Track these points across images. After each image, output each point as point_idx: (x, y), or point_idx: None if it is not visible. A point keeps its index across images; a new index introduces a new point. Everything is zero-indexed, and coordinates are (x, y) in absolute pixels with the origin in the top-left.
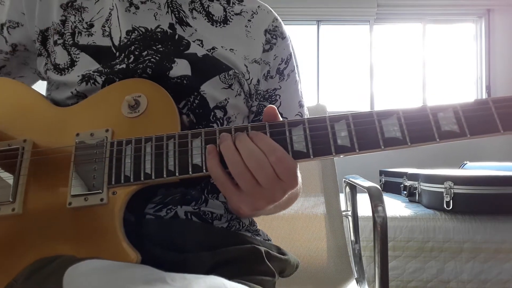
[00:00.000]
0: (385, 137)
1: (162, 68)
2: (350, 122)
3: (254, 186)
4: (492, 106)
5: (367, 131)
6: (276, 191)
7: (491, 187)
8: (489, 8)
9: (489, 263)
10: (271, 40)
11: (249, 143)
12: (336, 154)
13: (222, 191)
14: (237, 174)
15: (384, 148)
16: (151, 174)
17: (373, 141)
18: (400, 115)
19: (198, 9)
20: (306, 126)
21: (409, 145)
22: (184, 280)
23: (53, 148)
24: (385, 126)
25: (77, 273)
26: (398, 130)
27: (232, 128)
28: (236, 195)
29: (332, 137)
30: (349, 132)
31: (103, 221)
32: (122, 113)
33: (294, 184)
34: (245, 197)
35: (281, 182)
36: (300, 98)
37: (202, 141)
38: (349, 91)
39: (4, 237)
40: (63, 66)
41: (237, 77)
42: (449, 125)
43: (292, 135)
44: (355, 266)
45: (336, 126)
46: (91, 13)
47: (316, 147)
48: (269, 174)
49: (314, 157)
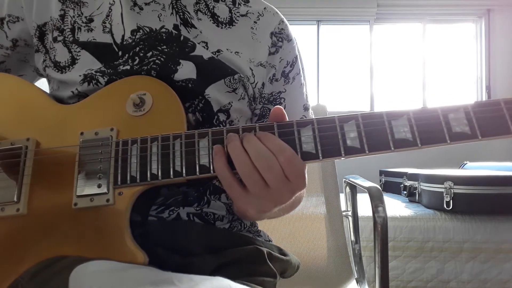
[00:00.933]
0: (395, 138)
1: (167, 70)
2: (360, 123)
3: (262, 188)
4: (504, 107)
5: (377, 132)
6: (284, 192)
7: (491, 187)
8: (489, 8)
9: (489, 263)
10: (277, 43)
11: (258, 143)
12: (346, 156)
13: (228, 193)
14: (245, 175)
15: (394, 150)
16: (157, 174)
17: (383, 142)
18: (411, 116)
19: (203, 10)
20: (315, 126)
21: (419, 147)
22: (191, 282)
23: (57, 147)
24: (395, 127)
25: (83, 273)
26: (408, 131)
27: (239, 128)
28: (243, 196)
29: (342, 138)
30: (359, 133)
31: (110, 222)
32: (127, 111)
33: (302, 185)
34: (252, 198)
35: (289, 183)
36: (305, 101)
37: (209, 141)
38: (349, 91)
39: (9, 237)
40: (64, 64)
41: (242, 81)
42: (460, 127)
43: (301, 136)
44: (355, 266)
45: (346, 127)
46: (90, 8)
47: (325, 148)
48: (278, 174)
49: (323, 158)
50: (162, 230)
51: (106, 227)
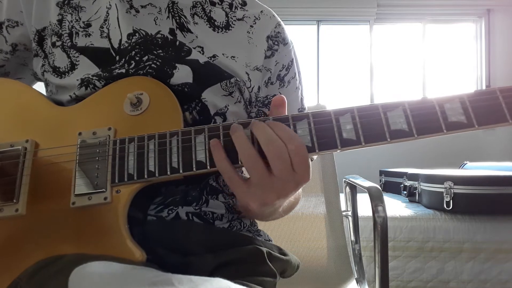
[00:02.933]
0: (391, 129)
1: (163, 75)
2: (355, 115)
3: (266, 177)
4: (499, 95)
5: (373, 124)
6: (289, 183)
7: (491, 187)
8: (489, 8)
9: (489, 263)
10: (272, 46)
11: (268, 129)
12: (342, 148)
13: (230, 186)
14: (250, 164)
15: (391, 141)
16: (154, 171)
17: (379, 134)
18: (406, 107)
19: (200, 14)
20: (310, 120)
21: (415, 137)
22: (191, 283)
23: (56, 147)
24: (391, 118)
25: (83, 273)
26: (404, 122)
27: (235, 122)
28: (245, 188)
29: (337, 130)
30: (354, 124)
31: (107, 220)
32: (125, 111)
33: (307, 177)
34: (254, 190)
35: (295, 174)
36: (300, 105)
37: (206, 137)
38: (349, 91)
39: (8, 238)
40: (63, 70)
41: (238, 84)
42: (456, 116)
43: (297, 129)
44: (355, 266)
45: (341, 119)
46: (88, 12)
47: (321, 141)
48: (286, 163)
49: (319, 151)
50: (161, 230)
51: (104, 225)
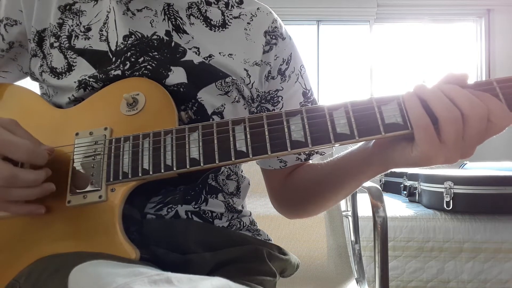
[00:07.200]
0: (386, 123)
1: (158, 76)
2: (349, 109)
3: (460, 140)
4: (496, 86)
5: (367, 118)
6: (473, 147)
7: (491, 187)
8: (489, 8)
9: (489, 263)
10: (271, 41)
11: (467, 93)
12: (336, 142)
13: (419, 138)
14: (450, 120)
15: (385, 135)
16: (148, 169)
17: (374, 128)
18: (401, 101)
19: (196, 14)
20: (304, 115)
21: (410, 130)
22: (190, 281)
23: (54, 148)
24: (385, 112)
25: (83, 273)
26: (399, 116)
27: (229, 120)
28: (436, 144)
29: (331, 125)
30: (348, 119)
31: (103, 219)
32: (121, 111)
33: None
34: (442, 148)
35: (482, 139)
36: (301, 99)
37: (200, 135)
38: (349, 91)
39: (4, 237)
40: (60, 70)
41: (235, 83)
42: None
43: (290, 124)
44: (355, 266)
45: (335, 114)
46: (89, 16)
47: (314, 135)
48: (483, 128)
49: (312, 146)
50: (161, 228)
51: (99, 224)
